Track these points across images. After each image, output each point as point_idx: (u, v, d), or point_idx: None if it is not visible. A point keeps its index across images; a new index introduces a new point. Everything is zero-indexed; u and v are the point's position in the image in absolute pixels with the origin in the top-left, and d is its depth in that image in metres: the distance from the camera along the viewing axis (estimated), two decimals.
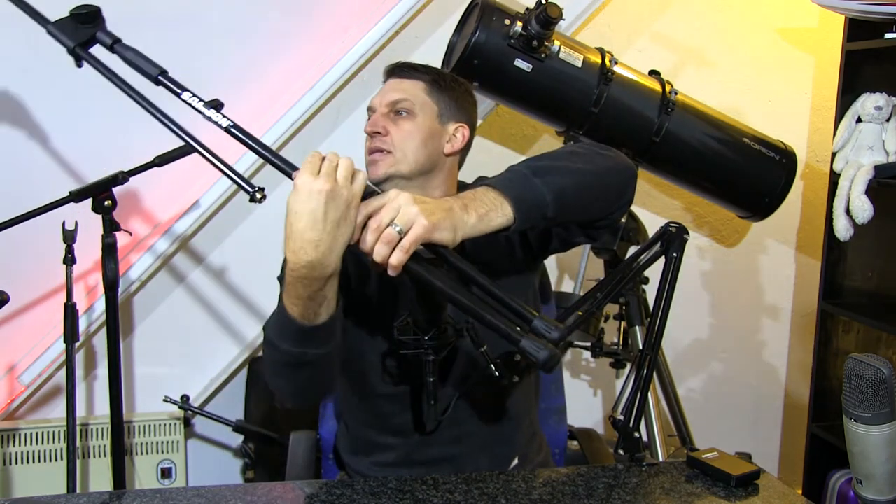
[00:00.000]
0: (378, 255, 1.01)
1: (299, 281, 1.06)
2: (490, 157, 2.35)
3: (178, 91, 1.06)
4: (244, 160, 2.06)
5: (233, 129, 1.05)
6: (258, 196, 1.02)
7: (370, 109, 1.48)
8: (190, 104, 1.05)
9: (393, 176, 1.42)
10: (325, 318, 1.12)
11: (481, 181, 1.53)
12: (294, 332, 1.13)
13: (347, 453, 1.54)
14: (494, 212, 1.11)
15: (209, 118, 1.04)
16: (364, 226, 1.03)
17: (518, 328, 1.00)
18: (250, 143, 1.06)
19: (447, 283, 1.02)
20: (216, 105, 1.06)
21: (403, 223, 1.01)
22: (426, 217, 1.02)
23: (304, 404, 1.30)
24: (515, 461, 1.48)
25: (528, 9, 1.82)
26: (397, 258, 1.00)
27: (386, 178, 1.42)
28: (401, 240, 1.01)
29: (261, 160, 2.07)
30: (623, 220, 2.08)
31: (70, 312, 1.87)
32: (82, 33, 1.11)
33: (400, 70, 1.49)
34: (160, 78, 1.08)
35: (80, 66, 1.11)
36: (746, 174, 2.09)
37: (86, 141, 2.08)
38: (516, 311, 1.02)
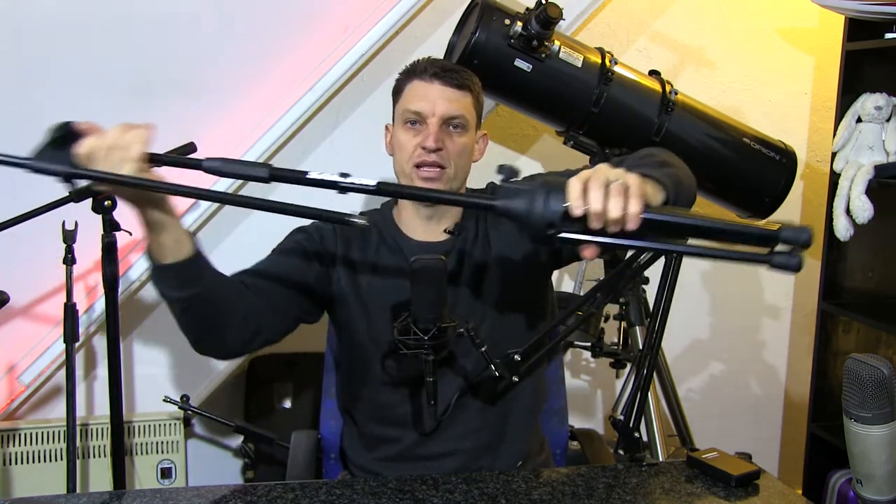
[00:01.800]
0: (615, 209, 0.92)
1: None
2: (490, 157, 2.33)
3: (300, 175, 0.99)
4: (245, 158, 2.06)
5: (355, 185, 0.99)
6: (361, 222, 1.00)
7: (417, 114, 1.43)
8: (320, 181, 0.99)
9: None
10: (170, 260, 1.18)
11: (491, 185, 1.56)
12: (157, 273, 1.21)
13: (351, 448, 1.54)
14: (654, 188, 1.08)
15: (346, 184, 0.98)
16: (582, 199, 0.94)
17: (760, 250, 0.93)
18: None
19: (692, 218, 0.95)
20: (343, 174, 0.99)
21: (621, 179, 0.95)
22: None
23: (210, 348, 1.35)
24: (519, 462, 1.48)
25: (528, 9, 1.82)
26: (636, 206, 0.93)
27: None
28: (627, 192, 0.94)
29: (264, 158, 2.09)
30: None
31: (70, 312, 1.87)
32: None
33: (451, 77, 1.44)
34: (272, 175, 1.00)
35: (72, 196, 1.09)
36: (746, 174, 2.09)
37: None
38: (760, 235, 0.94)
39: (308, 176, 0.99)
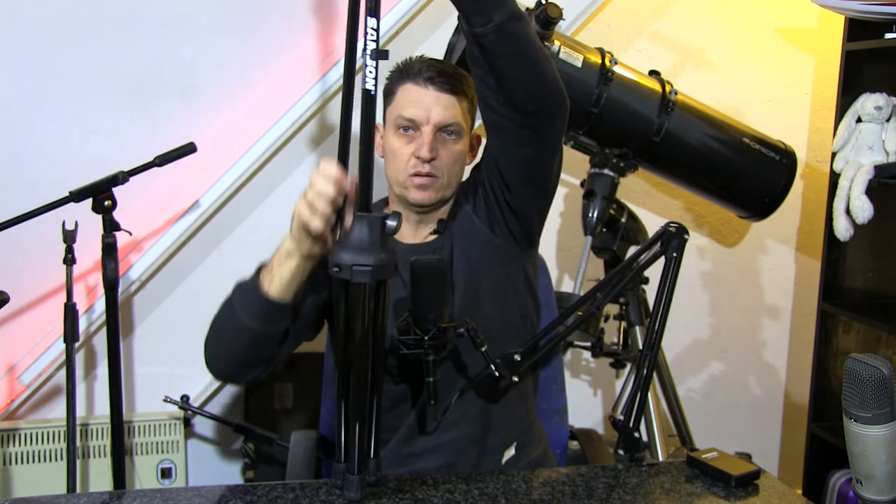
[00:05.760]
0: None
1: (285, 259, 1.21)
2: None
3: None
4: (245, 159, 2.07)
5: None
6: None
7: (411, 121, 1.40)
8: None
9: (440, 201, 1.44)
10: (273, 294, 1.23)
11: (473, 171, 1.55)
12: (253, 301, 1.24)
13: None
14: None
15: None
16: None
17: None
18: None
19: None
20: None
21: None
22: None
23: (231, 375, 1.42)
24: (512, 451, 1.47)
25: (527, 9, 1.81)
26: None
27: (434, 202, 1.44)
28: None
29: (264, 158, 2.09)
30: (622, 216, 2.09)
31: (70, 312, 1.87)
32: None
33: (446, 82, 1.41)
34: None
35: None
36: (746, 174, 2.09)
37: (86, 141, 2.08)
38: None
39: None
